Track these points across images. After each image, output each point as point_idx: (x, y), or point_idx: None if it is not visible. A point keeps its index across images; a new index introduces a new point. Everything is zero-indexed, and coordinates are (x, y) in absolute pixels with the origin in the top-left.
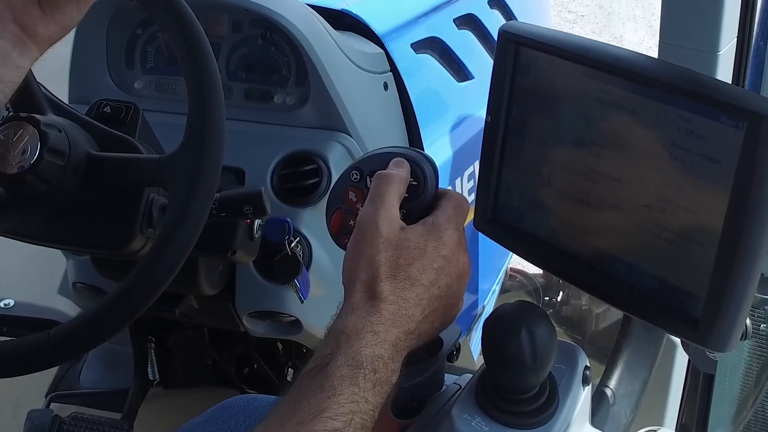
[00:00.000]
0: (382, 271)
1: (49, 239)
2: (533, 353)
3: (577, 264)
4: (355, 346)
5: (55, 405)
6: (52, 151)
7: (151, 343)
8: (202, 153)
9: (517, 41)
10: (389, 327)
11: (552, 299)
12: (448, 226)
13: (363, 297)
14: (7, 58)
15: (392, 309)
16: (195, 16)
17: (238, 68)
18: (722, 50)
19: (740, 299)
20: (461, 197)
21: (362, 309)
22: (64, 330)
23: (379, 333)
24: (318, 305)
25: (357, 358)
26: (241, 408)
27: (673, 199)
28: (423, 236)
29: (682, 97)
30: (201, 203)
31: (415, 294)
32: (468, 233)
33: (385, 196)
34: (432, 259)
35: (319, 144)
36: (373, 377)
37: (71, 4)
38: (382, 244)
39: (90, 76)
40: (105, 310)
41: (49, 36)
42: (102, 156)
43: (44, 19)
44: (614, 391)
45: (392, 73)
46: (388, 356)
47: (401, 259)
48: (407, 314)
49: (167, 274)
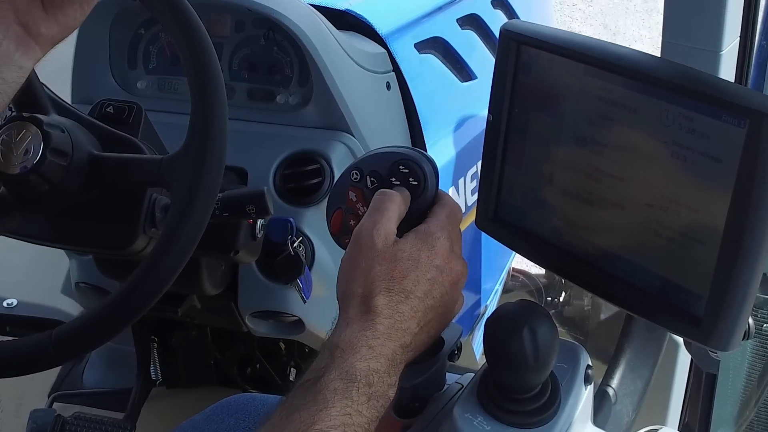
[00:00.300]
0: (377, 285)
1: (52, 239)
2: (535, 352)
3: (579, 263)
4: (349, 360)
5: (57, 404)
6: (55, 152)
7: (154, 343)
8: (205, 153)
9: (518, 40)
10: (385, 341)
11: (554, 299)
12: (440, 235)
13: (358, 311)
14: (10, 58)
15: (387, 323)
16: (198, 16)
17: (240, 68)
18: (725, 49)
19: (742, 298)
20: (454, 203)
21: (357, 323)
22: (66, 330)
23: (374, 347)
24: (320, 305)
25: (351, 372)
26: (240, 407)
27: (675, 198)
28: (416, 246)
29: (684, 96)
30: (204, 204)
31: (410, 306)
32: (470, 233)
33: (384, 212)
34: (425, 269)
35: (321, 144)
36: (368, 391)
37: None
38: (377, 257)
39: (93, 76)
40: (108, 310)
41: (52, 36)
42: (105, 156)
43: (47, 20)
44: (616, 390)
45: (395, 73)
46: (383, 370)
47: (396, 272)
48: (403, 327)
49: (170, 274)
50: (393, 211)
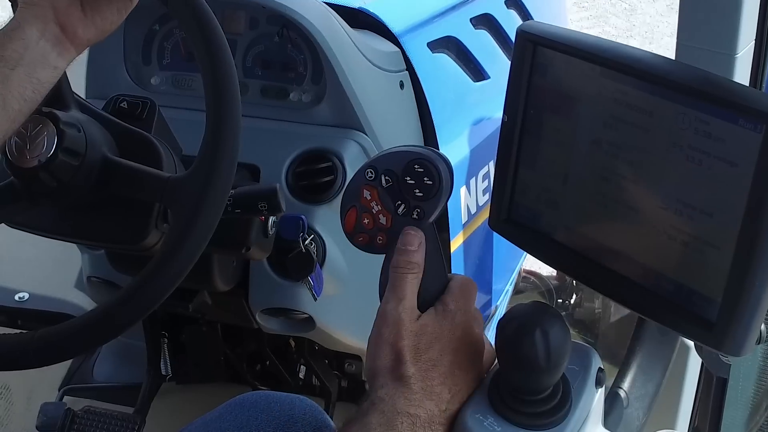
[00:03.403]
0: (406, 356)
1: (65, 233)
2: (547, 354)
3: (591, 265)
4: (389, 403)
5: (68, 398)
6: (68, 151)
7: (165, 339)
8: (209, 186)
9: (534, 41)
10: (421, 397)
11: (565, 301)
12: (458, 309)
13: (389, 380)
14: (46, 58)
15: (420, 385)
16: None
17: (254, 65)
18: (740, 52)
19: (756, 303)
20: (466, 279)
21: (391, 385)
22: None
23: (411, 399)
24: (331, 303)
25: (393, 408)
26: (252, 404)
27: (689, 202)
28: (438, 321)
29: (700, 100)
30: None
31: (439, 373)
32: (482, 233)
33: (406, 287)
34: (449, 340)
35: (334, 142)
36: (412, 428)
37: (112, 9)
38: (404, 331)
39: (107, 72)
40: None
41: (88, 39)
42: (117, 162)
43: (85, 22)
44: (628, 393)
45: (408, 72)
46: (424, 419)
47: (422, 344)
48: (436, 392)
49: (182, 270)
50: (412, 284)
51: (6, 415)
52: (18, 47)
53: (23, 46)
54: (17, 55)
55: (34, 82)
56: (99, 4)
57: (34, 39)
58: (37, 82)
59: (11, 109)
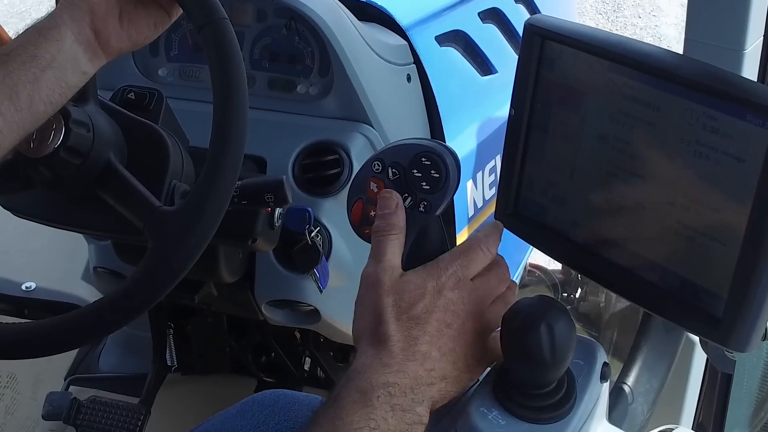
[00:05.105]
0: (384, 314)
1: (71, 223)
2: (552, 348)
3: (597, 260)
4: (364, 377)
5: (74, 388)
6: (71, 150)
7: (170, 330)
8: (189, 231)
9: (542, 35)
10: (402, 360)
11: (570, 295)
12: (449, 266)
13: (369, 342)
14: (77, 63)
15: (401, 345)
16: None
17: (261, 57)
18: (748, 48)
19: (762, 300)
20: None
21: (371, 350)
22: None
23: (390, 365)
24: (337, 295)
25: (367, 385)
26: (270, 403)
27: (696, 197)
28: (422, 277)
29: (708, 95)
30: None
31: (424, 331)
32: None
33: (386, 248)
34: (433, 297)
35: (341, 134)
36: (389, 401)
37: (150, 23)
38: (383, 291)
39: (114, 62)
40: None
41: (119, 48)
42: (117, 171)
43: (119, 32)
44: (632, 388)
45: (415, 66)
46: (406, 385)
47: (403, 302)
48: (420, 352)
49: (186, 261)
50: (393, 246)
51: (12, 404)
52: (52, 48)
53: (57, 48)
54: (50, 56)
55: (62, 85)
56: (137, 17)
57: (68, 42)
58: (65, 85)
59: (37, 111)
